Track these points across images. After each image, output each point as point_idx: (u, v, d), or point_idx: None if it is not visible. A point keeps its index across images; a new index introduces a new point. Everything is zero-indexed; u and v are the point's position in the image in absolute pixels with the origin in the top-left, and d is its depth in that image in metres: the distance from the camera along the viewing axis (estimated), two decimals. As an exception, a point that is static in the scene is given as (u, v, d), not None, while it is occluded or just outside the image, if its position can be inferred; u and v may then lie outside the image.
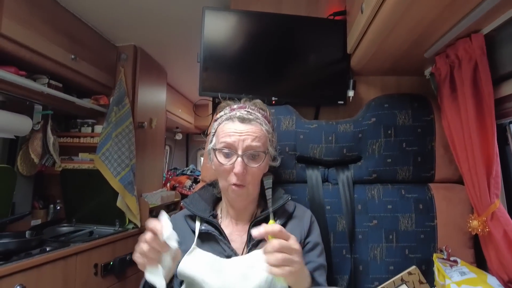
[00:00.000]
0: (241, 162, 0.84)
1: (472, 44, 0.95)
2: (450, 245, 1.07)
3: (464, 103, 1.00)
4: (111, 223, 2.19)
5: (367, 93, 1.41)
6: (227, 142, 0.86)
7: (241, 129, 0.86)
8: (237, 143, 0.85)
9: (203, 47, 1.30)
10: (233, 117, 0.89)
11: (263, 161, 0.88)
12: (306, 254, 0.91)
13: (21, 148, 2.00)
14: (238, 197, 0.89)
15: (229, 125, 0.88)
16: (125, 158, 2.13)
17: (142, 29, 2.19)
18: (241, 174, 0.84)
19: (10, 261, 1.37)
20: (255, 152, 0.86)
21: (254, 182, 0.89)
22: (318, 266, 0.90)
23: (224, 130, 0.88)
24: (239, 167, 0.83)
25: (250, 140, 0.85)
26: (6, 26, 1.41)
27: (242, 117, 0.88)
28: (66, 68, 1.85)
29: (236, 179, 0.85)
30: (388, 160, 1.17)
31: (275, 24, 1.35)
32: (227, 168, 0.86)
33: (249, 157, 0.86)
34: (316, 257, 0.91)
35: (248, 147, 0.85)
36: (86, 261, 1.74)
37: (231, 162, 0.85)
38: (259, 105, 0.96)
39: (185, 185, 3.62)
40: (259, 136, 0.88)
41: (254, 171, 0.87)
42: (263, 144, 0.88)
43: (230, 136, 0.86)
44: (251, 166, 0.86)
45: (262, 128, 0.90)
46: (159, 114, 2.82)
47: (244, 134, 0.86)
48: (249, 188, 0.88)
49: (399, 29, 0.98)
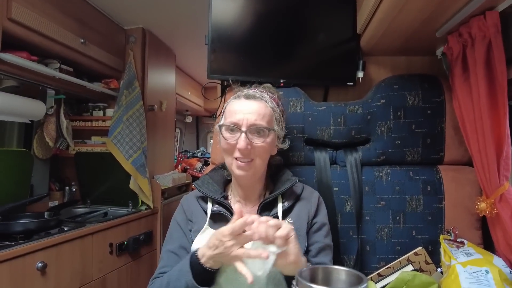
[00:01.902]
0: (244, 137, 0.85)
1: (487, 22, 0.92)
2: (458, 227, 1.08)
3: (476, 83, 0.97)
4: (124, 204, 2.26)
5: (377, 74, 1.38)
6: (232, 120, 0.88)
7: (246, 106, 0.89)
8: (242, 121, 0.87)
9: (211, 29, 1.29)
10: (239, 95, 0.93)
11: (267, 137, 0.89)
12: (313, 234, 0.93)
13: (36, 132, 2.05)
14: (244, 173, 0.89)
15: (235, 102, 0.92)
16: (136, 141, 2.17)
17: (150, 12, 2.17)
18: (244, 149, 0.85)
19: (31, 239, 1.44)
20: (258, 128, 0.88)
21: (261, 158, 0.90)
22: (324, 246, 0.92)
23: (230, 108, 0.91)
24: (243, 143, 0.85)
25: (254, 117, 0.87)
26: (16, 11, 1.42)
27: (247, 94, 0.92)
28: (76, 52, 1.87)
29: (241, 155, 0.87)
30: (397, 142, 1.16)
31: (283, 4, 1.32)
32: (232, 144, 0.88)
33: (253, 133, 0.87)
34: (323, 238, 0.93)
35: (251, 123, 0.87)
36: (102, 240, 1.81)
37: (235, 138, 0.87)
38: (268, 89, 0.99)
39: (195, 167, 3.68)
40: (264, 113, 0.89)
41: (258, 146, 0.88)
42: (267, 122, 0.90)
43: (236, 114, 0.88)
44: (255, 142, 0.87)
45: (267, 105, 0.92)
46: (169, 97, 2.84)
47: (249, 111, 0.88)
48: (256, 162, 0.89)
49: (410, 7, 0.95)
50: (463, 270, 0.90)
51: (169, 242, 0.96)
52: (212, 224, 0.92)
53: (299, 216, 0.93)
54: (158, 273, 0.90)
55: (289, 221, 0.92)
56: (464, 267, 0.91)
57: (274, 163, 1.02)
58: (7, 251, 1.28)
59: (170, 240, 0.96)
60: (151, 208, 2.29)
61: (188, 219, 0.96)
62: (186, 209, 0.98)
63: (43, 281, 1.42)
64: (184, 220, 0.96)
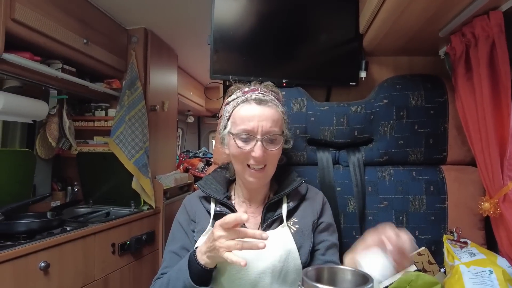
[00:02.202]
0: (260, 145, 0.84)
1: (490, 22, 0.92)
2: (461, 227, 1.07)
3: (479, 83, 0.97)
4: (127, 204, 2.26)
5: (380, 74, 1.38)
6: (245, 128, 0.85)
7: (259, 112, 0.86)
8: (256, 128, 0.85)
9: (213, 29, 1.29)
10: (249, 99, 0.88)
11: (281, 144, 0.89)
12: (319, 234, 0.93)
13: (39, 132, 2.06)
14: (257, 180, 0.89)
15: (246, 107, 0.88)
16: (138, 141, 2.17)
17: (152, 12, 2.17)
18: (260, 157, 0.84)
19: (34, 239, 1.44)
20: (273, 136, 0.87)
21: (273, 163, 0.90)
22: (331, 244, 0.93)
23: (241, 114, 0.87)
24: (259, 151, 0.84)
25: (269, 124, 0.85)
26: (19, 11, 1.42)
27: (258, 98, 0.88)
28: (78, 52, 1.87)
29: (255, 163, 0.86)
30: (400, 142, 1.16)
31: (286, 5, 1.32)
32: (246, 151, 0.86)
33: (267, 140, 0.86)
34: (330, 236, 0.94)
35: (267, 131, 0.85)
36: (104, 240, 1.82)
37: (250, 146, 0.86)
38: (270, 88, 0.96)
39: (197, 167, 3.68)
40: (277, 119, 0.88)
41: (273, 153, 0.88)
42: (280, 127, 0.89)
43: (249, 121, 0.85)
44: (270, 149, 0.86)
45: (278, 110, 0.90)
46: (171, 97, 2.84)
47: (263, 118, 0.85)
48: (268, 169, 0.90)
49: (413, 7, 0.95)
50: (467, 270, 0.90)
51: (171, 242, 0.96)
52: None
53: (304, 216, 0.93)
54: (160, 274, 0.90)
55: (294, 220, 0.92)
56: (468, 267, 0.91)
57: (280, 163, 1.02)
58: (10, 251, 1.28)
59: (172, 241, 0.96)
60: (153, 208, 2.29)
61: (191, 219, 0.96)
62: (188, 209, 0.98)
63: (46, 281, 1.42)
64: (187, 221, 0.96)
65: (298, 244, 0.88)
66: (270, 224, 0.91)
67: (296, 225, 0.91)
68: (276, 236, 0.88)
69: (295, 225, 0.91)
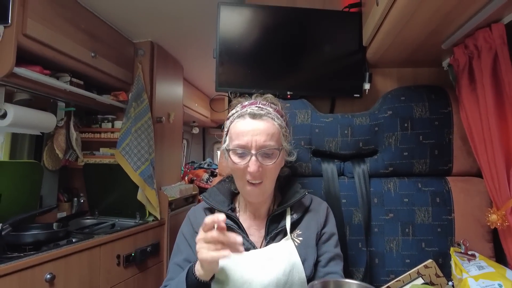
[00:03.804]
0: (255, 160, 0.83)
1: (492, 34, 0.93)
2: (468, 239, 1.06)
3: (483, 94, 0.97)
4: (132, 216, 2.27)
5: (384, 85, 1.39)
6: (239, 143, 0.85)
7: (253, 127, 0.85)
8: (250, 143, 0.84)
9: (219, 42, 1.31)
10: (244, 114, 0.88)
11: (277, 158, 0.87)
12: (322, 245, 0.93)
13: (47, 144, 2.09)
14: (255, 195, 0.90)
15: (240, 123, 0.87)
16: (144, 153, 2.19)
17: (158, 25, 2.22)
18: (256, 172, 0.84)
19: (40, 251, 1.45)
20: (269, 150, 0.85)
21: (270, 178, 0.89)
22: (333, 256, 0.92)
23: (236, 130, 0.87)
24: (254, 166, 0.83)
25: (263, 138, 0.84)
26: (31, 27, 1.47)
27: (253, 113, 0.87)
28: (86, 65, 1.91)
29: (251, 178, 0.85)
30: (405, 153, 1.16)
31: (290, 18, 1.35)
32: (242, 167, 0.86)
33: (263, 155, 0.85)
34: (332, 247, 0.93)
35: (261, 145, 0.84)
36: (110, 252, 1.82)
37: (245, 161, 0.85)
38: (270, 100, 0.94)
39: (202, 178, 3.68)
40: (272, 133, 0.86)
41: (269, 168, 0.86)
42: (276, 140, 0.87)
43: (243, 136, 0.85)
44: (266, 164, 0.85)
45: (274, 123, 0.88)
46: (176, 108, 2.87)
47: (257, 132, 0.84)
48: (266, 184, 0.88)
49: (415, 20, 0.97)
50: (475, 284, 0.89)
51: (176, 254, 0.96)
52: None
53: (307, 228, 0.93)
54: (163, 286, 0.90)
55: (298, 232, 0.92)
56: (476, 280, 0.89)
57: (282, 175, 1.02)
58: (16, 262, 1.29)
59: (177, 253, 0.96)
60: (158, 219, 2.29)
61: (195, 231, 0.96)
62: (193, 221, 0.98)
63: (51, 292, 1.42)
64: (191, 233, 0.96)
65: (302, 256, 0.87)
66: (274, 237, 0.91)
67: (300, 237, 0.91)
68: (280, 249, 0.87)
69: (299, 237, 0.91)
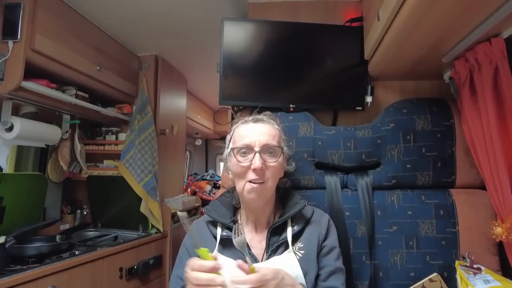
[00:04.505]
0: (259, 157, 0.87)
1: (492, 48, 0.94)
2: (473, 252, 1.05)
3: (484, 107, 0.98)
4: (135, 228, 2.26)
5: (386, 98, 1.40)
6: (244, 142, 0.90)
7: (256, 128, 0.92)
8: (254, 142, 0.89)
9: (223, 56, 1.34)
10: (247, 120, 0.97)
11: (279, 157, 0.91)
12: (322, 258, 0.92)
13: (51, 156, 2.10)
14: (256, 194, 0.89)
15: (244, 126, 0.94)
16: (148, 165, 2.20)
17: (162, 39, 2.26)
18: (260, 169, 0.86)
19: (43, 263, 1.45)
20: (271, 147, 0.90)
21: (273, 178, 0.91)
22: (334, 269, 0.91)
23: (240, 133, 0.93)
24: (258, 162, 0.86)
25: (266, 138, 0.90)
26: (39, 42, 1.50)
27: (255, 118, 0.96)
28: (91, 78, 1.94)
29: (255, 175, 0.87)
30: (408, 166, 1.16)
31: (292, 32, 1.37)
32: (246, 166, 0.88)
33: (265, 153, 0.89)
34: (333, 261, 0.92)
35: (264, 143, 0.89)
36: (112, 264, 1.81)
37: (249, 160, 0.88)
38: (269, 115, 1.01)
39: (205, 190, 3.68)
40: (274, 134, 0.93)
41: (272, 166, 0.89)
42: (278, 141, 0.93)
43: (247, 136, 0.90)
44: (269, 161, 0.89)
45: (275, 127, 0.96)
46: (180, 120, 2.89)
47: (259, 132, 0.91)
48: (268, 184, 0.90)
49: (416, 35, 0.98)
50: (481, 297, 0.88)
51: (177, 267, 0.96)
52: (221, 249, 0.92)
53: (309, 240, 0.92)
54: None
55: (300, 245, 0.91)
56: (482, 294, 0.88)
57: (282, 186, 1.03)
58: (19, 275, 1.29)
59: (178, 265, 0.96)
60: (161, 232, 2.29)
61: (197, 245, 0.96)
62: (195, 235, 0.98)
63: (53, 305, 1.41)
64: (193, 246, 0.97)
65: (304, 270, 0.87)
66: (275, 250, 0.91)
67: (302, 250, 0.90)
68: (282, 262, 0.87)
69: (301, 250, 0.90)
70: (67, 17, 1.72)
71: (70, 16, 1.75)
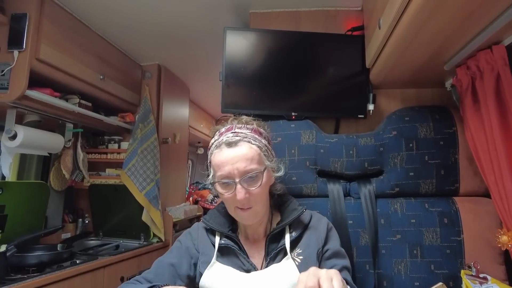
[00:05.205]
0: (240, 188, 0.84)
1: (494, 55, 0.95)
2: (479, 261, 1.04)
3: (487, 114, 0.98)
4: (136, 237, 2.25)
5: (387, 106, 1.40)
6: (222, 173, 0.85)
7: (231, 155, 0.85)
8: (232, 171, 0.84)
9: (225, 65, 1.35)
10: (220, 144, 0.88)
11: (262, 180, 0.87)
12: (327, 261, 0.91)
13: (54, 165, 2.11)
14: (248, 219, 0.90)
15: (219, 154, 0.87)
16: (150, 173, 2.20)
17: (165, 49, 2.28)
18: (243, 199, 0.84)
19: (44, 273, 1.44)
20: (252, 174, 0.85)
21: (260, 201, 0.89)
22: (341, 268, 0.89)
23: (216, 161, 0.87)
24: (240, 194, 0.83)
25: (244, 164, 0.84)
26: (44, 52, 1.52)
27: (228, 141, 0.87)
28: (95, 87, 1.95)
29: (241, 204, 0.86)
30: (411, 174, 1.16)
31: (294, 41, 1.38)
32: (230, 196, 0.86)
33: (247, 181, 0.85)
34: (339, 261, 0.91)
35: (243, 171, 0.84)
36: (113, 274, 1.79)
37: (231, 191, 0.85)
38: (245, 121, 0.94)
39: (207, 199, 3.66)
40: (251, 157, 0.86)
41: (256, 192, 0.86)
42: (257, 162, 0.86)
43: (223, 166, 0.85)
44: (251, 189, 0.85)
45: (252, 147, 0.87)
46: (182, 129, 2.90)
47: (236, 160, 0.84)
48: (257, 208, 0.89)
49: (417, 43, 0.99)
50: (488, 308, 0.86)
51: (165, 255, 0.96)
52: (219, 257, 0.92)
53: (308, 246, 0.91)
54: (140, 276, 0.90)
55: (298, 251, 0.90)
56: (489, 304, 0.87)
57: (276, 192, 1.00)
58: (19, 284, 1.28)
59: (167, 254, 0.96)
60: (162, 241, 2.27)
61: (195, 248, 0.95)
62: (194, 237, 0.98)
63: (53, 316, 1.40)
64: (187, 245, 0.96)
65: None
66: (274, 257, 0.90)
67: (301, 256, 0.89)
68: (281, 270, 0.86)
69: (300, 256, 0.89)
70: (72, 27, 1.74)
71: (75, 26, 1.78)
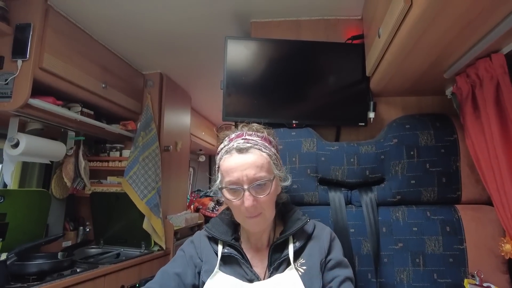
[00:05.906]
0: (249, 195, 0.83)
1: (493, 64, 0.95)
2: (482, 270, 1.03)
3: (487, 122, 0.98)
4: (137, 245, 2.24)
5: (388, 114, 1.41)
6: (231, 179, 0.85)
7: (241, 161, 0.85)
8: (241, 178, 0.84)
9: (226, 74, 1.36)
10: (230, 150, 0.88)
11: (271, 188, 0.86)
12: (330, 271, 0.90)
13: (55, 173, 2.11)
14: (256, 225, 0.90)
15: (229, 159, 0.87)
16: (151, 181, 2.20)
17: (167, 58, 2.30)
18: (251, 207, 0.84)
19: (44, 281, 1.43)
20: (261, 182, 0.85)
21: (268, 208, 0.89)
22: (344, 279, 0.88)
23: (225, 167, 0.87)
24: (248, 201, 0.83)
25: (253, 171, 0.84)
26: (47, 61, 1.54)
27: (239, 147, 0.87)
28: (97, 96, 1.97)
29: (248, 213, 0.86)
30: (412, 181, 1.16)
31: (295, 50, 1.40)
32: (238, 203, 0.86)
33: (256, 188, 0.84)
34: (342, 271, 0.90)
35: (252, 179, 0.84)
36: (114, 282, 1.78)
37: (239, 197, 0.85)
38: (255, 128, 0.95)
39: (208, 207, 3.65)
40: (261, 165, 0.86)
41: (264, 200, 0.86)
42: (267, 170, 0.87)
43: (233, 172, 0.85)
44: (259, 196, 0.85)
45: (262, 154, 0.88)
46: (184, 137, 2.91)
47: (246, 166, 0.84)
48: (265, 214, 0.88)
49: (416, 51, 1.00)
50: (492, 317, 0.85)
51: (169, 264, 0.95)
52: (222, 266, 0.91)
53: (311, 256, 0.91)
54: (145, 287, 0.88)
55: (301, 261, 0.90)
56: (493, 314, 0.86)
57: (281, 201, 1.00)
58: (20, 293, 1.27)
59: (171, 263, 0.95)
60: (163, 249, 2.26)
61: (198, 256, 0.95)
62: (197, 245, 0.97)
63: (53, 325, 1.39)
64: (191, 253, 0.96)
65: (307, 286, 0.85)
66: (277, 267, 0.89)
67: (304, 266, 0.89)
68: (284, 280, 0.86)
69: (303, 266, 0.89)
70: (75, 36, 1.76)
71: (78, 35, 1.80)
